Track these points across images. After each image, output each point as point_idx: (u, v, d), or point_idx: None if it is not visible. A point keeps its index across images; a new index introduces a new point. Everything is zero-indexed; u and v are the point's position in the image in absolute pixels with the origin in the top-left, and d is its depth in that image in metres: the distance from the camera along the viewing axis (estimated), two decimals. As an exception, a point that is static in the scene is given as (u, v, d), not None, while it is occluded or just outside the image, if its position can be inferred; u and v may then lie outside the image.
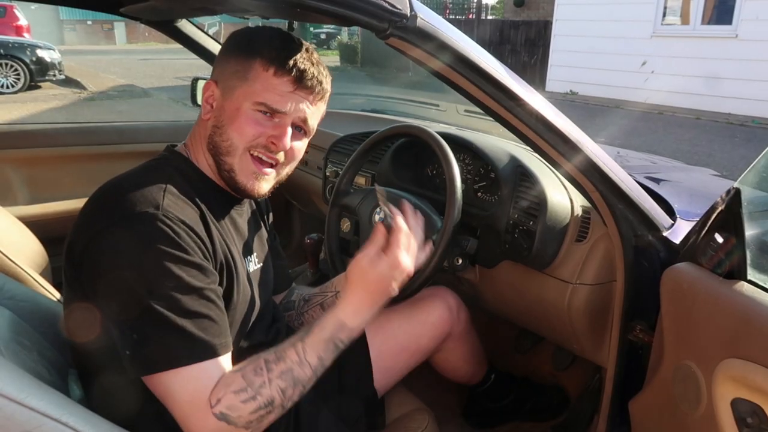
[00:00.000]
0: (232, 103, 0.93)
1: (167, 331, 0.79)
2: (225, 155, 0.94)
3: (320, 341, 0.91)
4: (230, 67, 0.94)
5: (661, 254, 1.10)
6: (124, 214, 0.82)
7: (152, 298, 0.79)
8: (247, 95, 0.92)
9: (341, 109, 2.46)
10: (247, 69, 0.92)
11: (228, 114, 0.93)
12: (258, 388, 0.83)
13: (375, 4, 0.78)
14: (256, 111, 0.92)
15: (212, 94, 0.96)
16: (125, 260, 0.80)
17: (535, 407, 1.72)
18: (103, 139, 2.22)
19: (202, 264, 0.85)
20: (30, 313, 1.01)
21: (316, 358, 0.89)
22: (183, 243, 0.83)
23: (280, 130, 0.93)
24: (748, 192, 0.94)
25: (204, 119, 0.97)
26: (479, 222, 1.41)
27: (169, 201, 0.85)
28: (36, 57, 10.00)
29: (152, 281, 0.79)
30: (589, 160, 1.01)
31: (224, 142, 0.93)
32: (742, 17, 8.19)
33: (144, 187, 0.86)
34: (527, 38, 12.50)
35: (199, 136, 0.98)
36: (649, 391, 1.10)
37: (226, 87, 0.94)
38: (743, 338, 0.83)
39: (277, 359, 0.87)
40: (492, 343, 1.69)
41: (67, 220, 2.00)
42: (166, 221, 0.82)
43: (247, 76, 0.92)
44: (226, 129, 0.93)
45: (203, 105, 0.97)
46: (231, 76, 0.93)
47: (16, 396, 0.64)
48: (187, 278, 0.82)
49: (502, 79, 0.91)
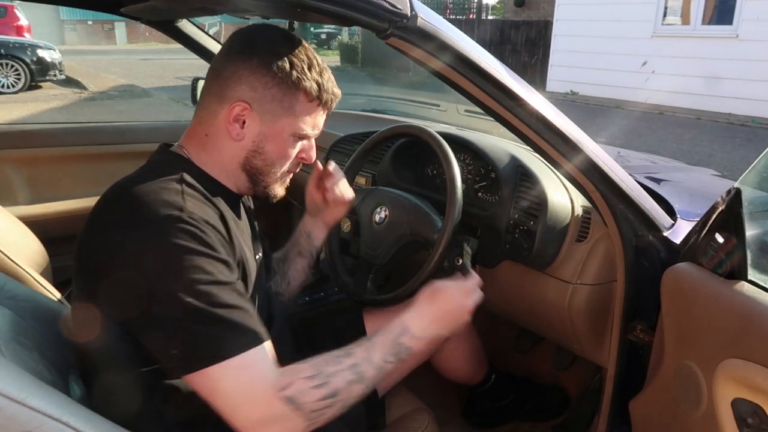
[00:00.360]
0: (273, 131, 0.95)
1: (212, 325, 0.80)
2: (266, 175, 1.00)
3: (386, 342, 0.94)
4: (271, 94, 0.93)
5: (661, 254, 1.10)
6: (149, 219, 0.82)
7: (191, 296, 0.79)
8: (293, 127, 0.96)
9: (342, 109, 2.46)
10: (293, 101, 0.94)
11: (269, 140, 0.96)
12: (328, 377, 0.86)
13: (375, 4, 0.78)
14: (295, 139, 0.98)
15: (244, 116, 0.94)
16: (158, 265, 0.80)
17: (536, 407, 1.73)
18: (104, 139, 2.21)
19: (228, 260, 0.86)
20: (30, 312, 1.00)
21: (381, 359, 0.92)
22: (210, 241, 0.84)
23: (311, 148, 1.03)
24: (748, 192, 0.94)
25: (235, 139, 0.95)
26: (480, 222, 1.41)
27: (190, 203, 0.86)
28: (36, 57, 10.01)
29: (188, 280, 0.80)
30: (590, 160, 1.01)
31: (267, 166, 0.98)
32: (742, 17, 8.19)
33: (162, 191, 0.85)
34: (528, 38, 12.50)
35: (215, 149, 0.96)
36: (650, 391, 1.10)
37: (264, 112, 0.94)
38: (744, 338, 0.83)
39: (346, 354, 0.90)
40: (492, 343, 1.69)
41: (67, 220, 2.02)
42: (191, 222, 0.83)
43: (293, 109, 0.95)
44: (270, 155, 0.97)
45: (231, 125, 0.94)
46: (273, 105, 0.93)
47: (16, 396, 0.64)
48: (219, 274, 0.83)
49: (503, 79, 0.91)
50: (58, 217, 2.00)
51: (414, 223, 1.32)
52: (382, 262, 1.36)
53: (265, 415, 0.81)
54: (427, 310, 1.00)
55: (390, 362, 0.93)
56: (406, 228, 1.33)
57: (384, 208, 1.38)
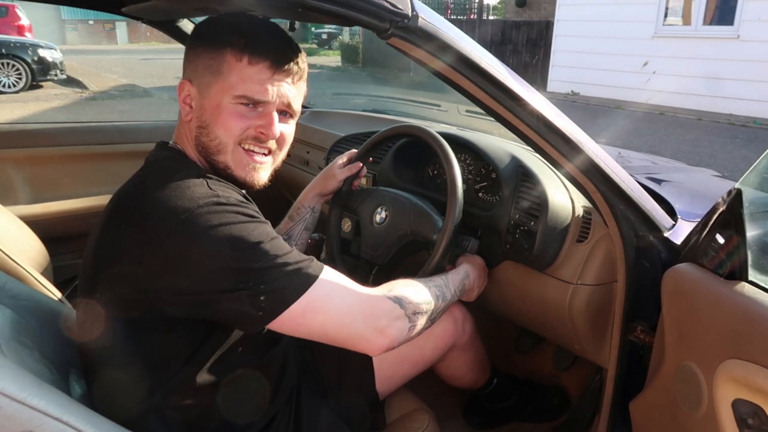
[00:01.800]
0: (210, 101, 0.90)
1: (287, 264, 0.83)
2: (216, 154, 0.92)
3: (456, 281, 1.18)
4: (201, 62, 0.90)
5: (662, 255, 1.10)
6: (194, 214, 0.80)
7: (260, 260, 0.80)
8: (225, 90, 0.89)
9: (342, 109, 2.46)
10: (220, 62, 0.88)
11: (209, 112, 0.90)
12: (421, 288, 1.03)
13: (376, 4, 0.78)
14: (237, 104, 0.90)
15: (189, 93, 0.93)
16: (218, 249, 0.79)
17: (537, 408, 1.72)
18: (105, 139, 2.22)
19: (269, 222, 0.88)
20: (31, 312, 1.01)
21: (453, 289, 1.15)
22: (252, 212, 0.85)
23: (267, 119, 0.92)
24: (749, 193, 0.93)
25: (186, 121, 0.94)
26: (480, 222, 1.41)
27: (219, 189, 0.86)
28: (38, 56, 10.01)
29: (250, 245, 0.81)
30: (591, 160, 1.01)
31: (212, 142, 0.91)
32: (743, 18, 8.18)
33: (189, 187, 0.84)
34: (528, 38, 12.50)
35: (185, 137, 0.96)
36: (650, 391, 1.10)
37: (201, 84, 0.91)
38: (744, 339, 0.83)
39: (429, 280, 1.09)
40: (493, 343, 1.69)
41: (68, 220, 2.02)
42: (230, 202, 0.84)
43: (221, 70, 0.89)
44: (212, 128, 0.91)
45: (182, 106, 0.94)
46: (204, 72, 0.90)
47: (17, 395, 0.64)
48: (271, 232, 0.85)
49: (504, 80, 0.91)
50: (59, 216, 2.00)
51: (415, 223, 1.31)
52: (383, 262, 1.36)
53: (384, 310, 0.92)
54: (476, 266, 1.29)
55: (458, 294, 1.17)
56: (406, 228, 1.33)
57: (384, 209, 1.38)
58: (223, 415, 0.94)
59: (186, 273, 0.80)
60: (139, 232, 0.82)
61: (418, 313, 0.98)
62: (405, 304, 0.95)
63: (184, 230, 0.79)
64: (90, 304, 0.88)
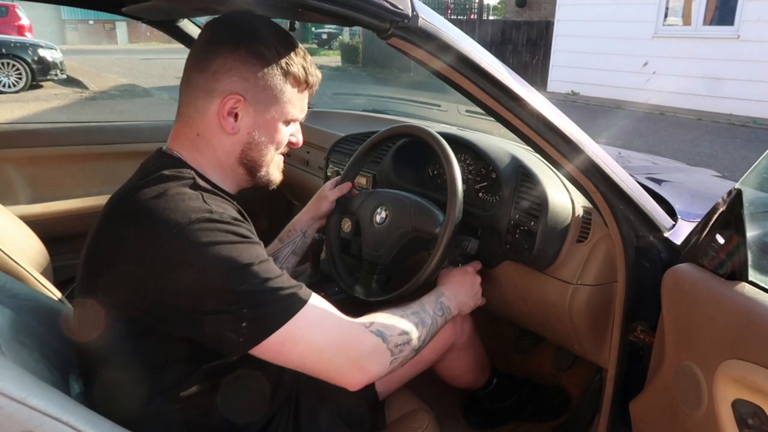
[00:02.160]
0: (265, 121, 0.96)
1: (274, 292, 0.83)
2: (263, 165, 1.00)
3: (430, 300, 1.13)
4: (261, 85, 0.92)
5: (662, 255, 1.10)
6: (184, 228, 0.80)
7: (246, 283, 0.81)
8: (284, 114, 0.97)
9: (342, 109, 2.46)
10: (283, 88, 0.95)
11: (264, 130, 0.96)
12: (400, 317, 1.01)
13: (376, 4, 0.78)
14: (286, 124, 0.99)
15: (236, 108, 0.92)
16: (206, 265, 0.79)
17: (537, 408, 1.72)
18: (105, 139, 2.22)
19: (260, 243, 0.89)
20: (31, 312, 1.01)
21: (432, 311, 1.10)
22: (244, 232, 0.85)
23: (299, 131, 1.05)
24: (749, 193, 0.93)
25: (229, 134, 0.93)
26: (480, 222, 1.41)
27: (214, 204, 0.87)
28: (38, 56, 10.02)
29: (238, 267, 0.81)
30: (591, 160, 1.01)
31: (263, 157, 0.99)
32: (743, 18, 8.18)
33: (183, 199, 0.84)
34: (529, 38, 12.50)
35: (207, 146, 0.94)
36: (650, 392, 1.10)
37: (257, 102, 0.93)
38: (744, 339, 0.83)
39: (405, 306, 1.06)
40: (493, 343, 1.69)
41: (68, 220, 2.02)
42: (223, 219, 0.84)
43: (282, 97, 0.96)
44: (264, 145, 0.98)
45: (225, 119, 0.92)
46: (264, 93, 0.93)
47: (17, 395, 0.64)
48: (261, 255, 0.85)
49: (504, 80, 0.91)
50: (59, 216, 2.00)
51: (416, 220, 1.31)
52: (385, 262, 1.36)
53: (365, 347, 0.91)
54: (448, 283, 1.22)
55: (439, 316, 1.11)
56: (408, 225, 1.33)
57: (384, 208, 1.38)
58: (223, 414, 0.94)
59: (170, 288, 0.80)
60: (132, 238, 0.82)
61: (401, 344, 0.96)
62: (387, 337, 0.94)
63: (173, 245, 0.80)
64: (86, 305, 0.88)
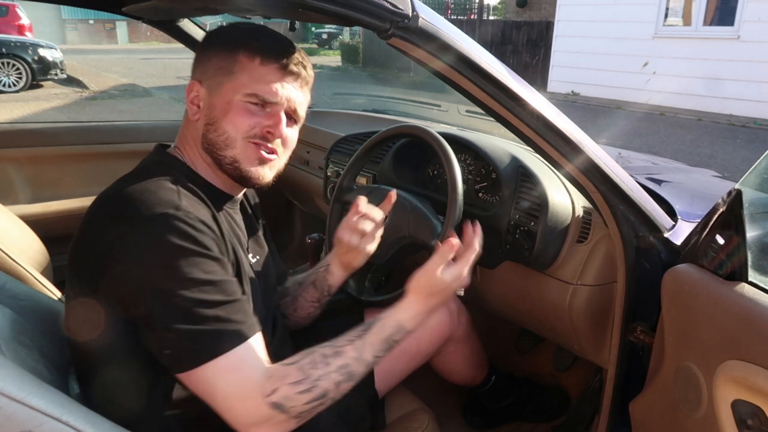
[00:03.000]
0: (221, 99, 0.93)
1: (202, 324, 0.81)
2: (224, 149, 0.94)
3: (378, 341, 0.94)
4: (213, 64, 0.94)
5: (662, 255, 1.10)
6: (145, 217, 0.82)
7: (182, 294, 0.80)
8: (236, 88, 0.92)
9: (343, 109, 2.46)
10: (232, 63, 0.92)
11: (219, 109, 0.93)
12: (315, 381, 0.86)
13: (377, 4, 0.78)
14: (247, 103, 0.92)
15: (197, 94, 0.96)
16: (152, 262, 0.81)
17: (536, 408, 1.72)
18: (105, 139, 2.22)
19: (222, 259, 0.87)
20: (31, 312, 1.01)
21: (372, 356, 0.92)
22: (204, 240, 0.84)
23: (275, 119, 0.94)
24: (749, 193, 0.94)
25: (193, 120, 0.96)
26: (480, 222, 1.41)
27: (185, 201, 0.86)
28: (38, 56, 10.02)
29: (180, 279, 0.80)
30: (591, 160, 1.01)
31: (220, 137, 0.93)
32: (744, 18, 8.18)
33: (158, 190, 0.86)
34: (529, 39, 12.49)
35: (189, 138, 0.98)
36: (650, 392, 1.10)
37: (211, 84, 0.94)
38: (744, 340, 0.82)
39: (335, 354, 0.90)
40: (493, 343, 1.69)
41: (68, 219, 2.02)
42: (187, 220, 0.83)
43: (233, 70, 0.92)
44: (220, 123, 0.93)
45: (189, 106, 0.96)
46: (215, 73, 0.93)
47: (16, 395, 0.64)
48: (211, 273, 0.83)
49: (504, 80, 0.91)
50: (59, 216, 2.00)
51: (414, 227, 1.31)
52: (380, 262, 1.36)
53: (254, 417, 0.83)
54: (417, 302, 0.99)
55: (380, 357, 0.94)
56: (405, 230, 1.33)
57: (384, 208, 1.38)
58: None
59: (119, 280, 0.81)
60: (101, 227, 0.85)
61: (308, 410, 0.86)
62: (288, 408, 0.84)
63: (132, 234, 0.81)
64: (72, 302, 0.90)
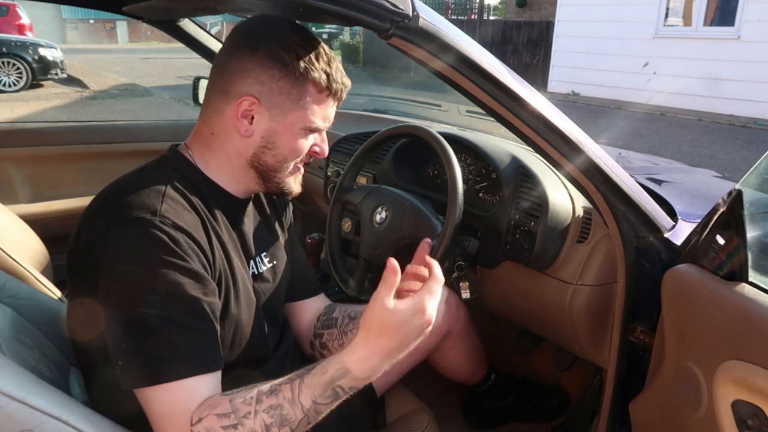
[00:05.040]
0: (284, 125, 0.92)
1: (155, 344, 0.78)
2: (277, 171, 0.96)
3: (318, 384, 0.80)
4: (279, 88, 0.90)
5: (662, 255, 1.10)
6: (122, 219, 0.81)
7: (144, 306, 0.77)
8: (303, 119, 0.93)
9: (343, 109, 2.45)
10: (302, 93, 0.91)
11: (281, 135, 0.93)
12: (241, 418, 0.78)
13: (377, 4, 0.78)
14: (308, 132, 0.95)
15: (251, 111, 0.91)
16: (119, 265, 0.79)
17: (536, 408, 1.72)
18: (105, 138, 2.22)
19: (198, 272, 0.82)
20: (31, 311, 1.01)
21: (310, 401, 0.79)
22: (179, 249, 0.81)
23: (323, 142, 0.99)
24: (749, 194, 0.94)
25: (244, 136, 0.92)
26: (480, 222, 1.42)
27: (167, 206, 0.84)
28: (38, 55, 10.01)
29: (144, 289, 0.78)
30: (591, 161, 1.01)
31: (278, 162, 0.95)
32: (744, 18, 8.18)
33: (143, 191, 0.85)
34: (529, 39, 12.49)
35: (221, 148, 0.94)
36: (650, 392, 1.10)
37: (273, 106, 0.90)
38: (744, 340, 0.83)
39: (270, 392, 0.80)
40: (493, 343, 1.69)
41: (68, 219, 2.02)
42: (162, 227, 0.80)
43: (301, 101, 0.91)
44: (281, 150, 0.94)
45: (239, 122, 0.91)
46: (281, 99, 0.90)
47: (17, 394, 0.64)
48: (182, 286, 0.80)
49: (504, 80, 0.91)
50: (59, 215, 2.00)
51: (414, 227, 1.31)
52: (381, 262, 1.36)
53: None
54: (373, 345, 0.79)
55: (323, 404, 0.80)
56: (405, 230, 1.33)
57: (385, 208, 1.38)
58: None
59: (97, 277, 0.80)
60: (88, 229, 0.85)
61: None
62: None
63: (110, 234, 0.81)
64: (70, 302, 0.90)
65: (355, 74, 14.76)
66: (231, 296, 0.92)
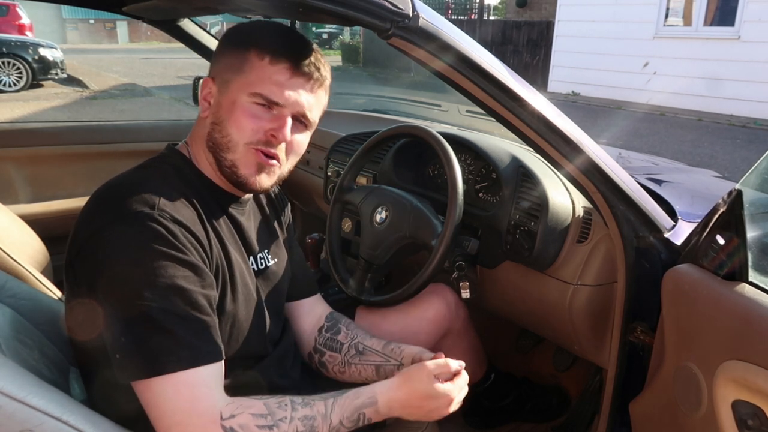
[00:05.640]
0: (228, 97, 0.90)
1: (155, 336, 0.77)
2: (225, 151, 0.91)
3: (350, 406, 0.88)
4: (225, 61, 0.92)
5: (662, 255, 1.10)
6: (120, 213, 0.81)
7: (143, 299, 0.77)
8: (243, 87, 0.89)
9: (343, 109, 2.46)
10: (242, 60, 0.90)
11: (225, 109, 0.90)
12: (278, 420, 0.82)
13: (377, 4, 0.78)
14: (253, 104, 0.89)
15: (210, 91, 0.94)
16: (118, 259, 0.79)
17: (536, 408, 1.73)
18: (105, 138, 2.22)
19: (197, 264, 0.83)
20: (31, 311, 1.01)
21: (339, 420, 0.87)
22: (178, 242, 0.81)
23: (279, 122, 0.90)
24: (749, 194, 0.94)
25: (202, 117, 0.95)
26: (480, 222, 1.41)
27: (165, 201, 0.84)
28: (38, 55, 10.01)
29: (144, 281, 0.78)
30: (591, 161, 1.01)
31: (223, 138, 0.90)
32: (744, 18, 8.18)
33: (141, 186, 0.85)
34: (529, 39, 12.49)
35: (198, 135, 0.96)
36: (650, 392, 1.10)
37: (222, 81, 0.92)
38: (744, 340, 0.83)
39: (304, 404, 0.86)
40: (493, 343, 1.69)
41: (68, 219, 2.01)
42: (161, 221, 0.81)
43: (243, 68, 0.89)
44: (225, 125, 0.90)
45: (201, 103, 0.95)
46: (226, 70, 0.92)
47: (16, 394, 0.64)
48: (181, 279, 0.80)
49: (504, 80, 0.91)
50: (59, 215, 2.00)
51: (414, 227, 1.31)
52: (381, 262, 1.37)
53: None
54: (404, 395, 0.91)
55: (347, 426, 0.88)
56: (405, 230, 1.33)
57: (385, 208, 1.38)
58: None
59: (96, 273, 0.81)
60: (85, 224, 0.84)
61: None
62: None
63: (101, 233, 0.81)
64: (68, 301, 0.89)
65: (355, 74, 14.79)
66: (228, 291, 0.92)
